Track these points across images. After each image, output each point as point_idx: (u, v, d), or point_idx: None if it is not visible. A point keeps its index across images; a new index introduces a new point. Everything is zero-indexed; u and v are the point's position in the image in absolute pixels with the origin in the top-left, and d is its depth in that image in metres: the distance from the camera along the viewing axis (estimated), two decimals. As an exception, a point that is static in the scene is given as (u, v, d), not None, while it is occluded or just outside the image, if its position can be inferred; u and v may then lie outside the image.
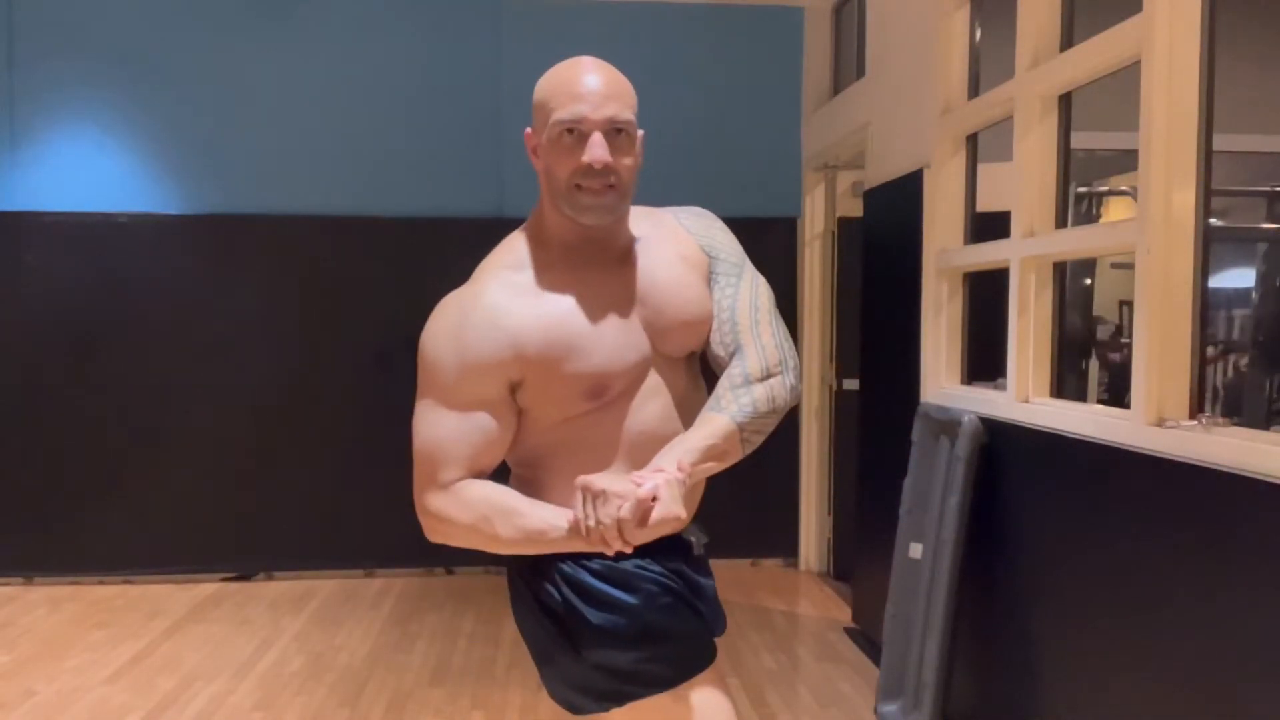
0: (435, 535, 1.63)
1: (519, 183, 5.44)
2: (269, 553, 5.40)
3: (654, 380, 1.68)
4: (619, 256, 1.69)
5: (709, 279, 1.77)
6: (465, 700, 3.71)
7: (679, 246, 1.76)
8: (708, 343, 1.75)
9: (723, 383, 1.69)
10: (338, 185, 5.40)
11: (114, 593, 5.15)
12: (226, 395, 5.35)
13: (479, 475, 1.62)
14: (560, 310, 1.61)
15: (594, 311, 1.62)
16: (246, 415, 5.35)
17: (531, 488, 1.68)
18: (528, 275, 1.63)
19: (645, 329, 1.67)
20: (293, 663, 4.11)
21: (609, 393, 1.62)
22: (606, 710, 1.66)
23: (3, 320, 5.24)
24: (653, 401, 1.67)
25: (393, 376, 5.52)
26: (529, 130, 1.64)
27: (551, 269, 1.64)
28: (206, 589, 5.21)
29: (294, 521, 5.38)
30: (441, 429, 1.60)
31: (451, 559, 5.39)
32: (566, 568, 1.63)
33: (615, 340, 1.63)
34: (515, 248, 1.68)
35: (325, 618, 4.72)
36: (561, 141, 1.57)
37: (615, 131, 1.57)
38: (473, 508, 1.59)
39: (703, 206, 1.93)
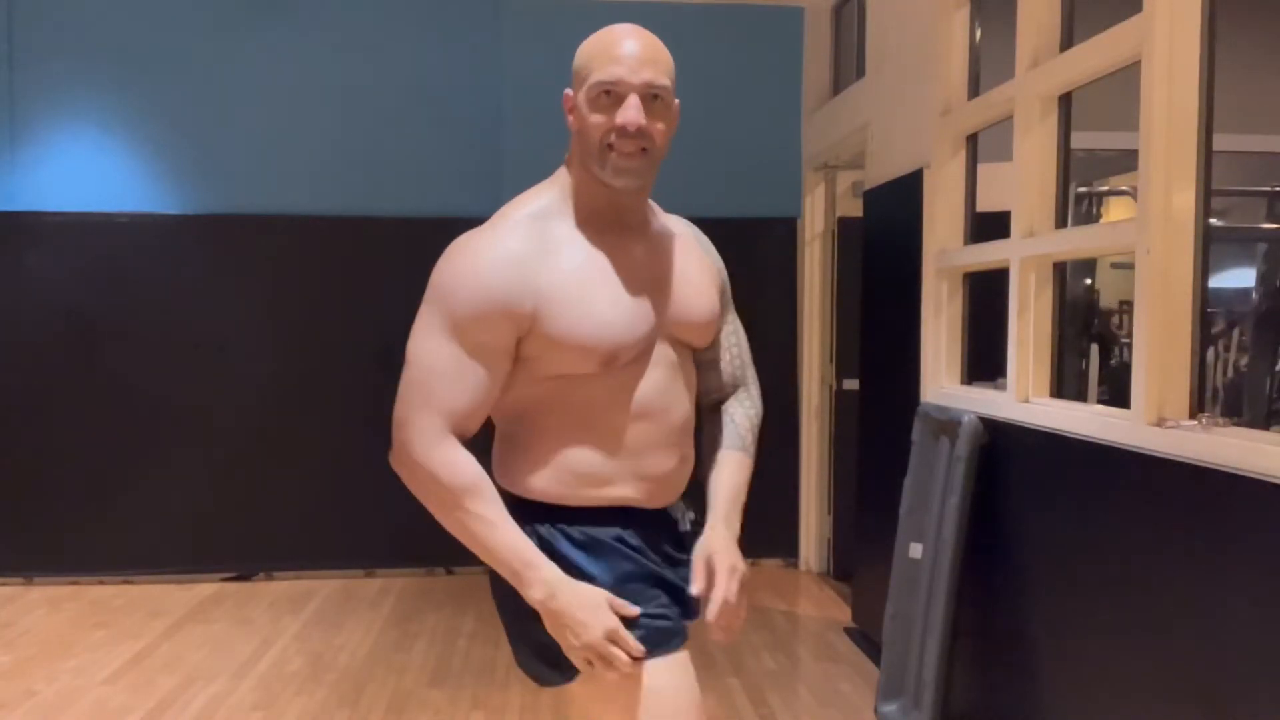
0: (401, 465, 1.59)
1: (519, 183, 5.41)
2: (269, 553, 5.40)
3: (656, 353, 1.67)
4: (638, 228, 1.70)
5: (720, 298, 1.83)
6: (465, 700, 3.71)
7: (704, 258, 1.83)
8: (715, 358, 1.87)
9: (745, 418, 1.93)
10: (338, 185, 5.41)
11: (114, 593, 5.15)
12: (226, 395, 5.35)
13: (461, 435, 1.58)
14: (584, 270, 1.60)
15: (615, 277, 1.62)
16: (246, 415, 5.35)
17: (515, 444, 1.67)
18: (553, 228, 1.61)
19: (662, 309, 1.68)
20: (293, 663, 4.11)
21: (619, 361, 1.60)
22: (569, 680, 1.62)
23: (3, 320, 5.24)
24: (653, 373, 1.66)
25: (392, 376, 5.53)
26: (568, 91, 1.63)
27: (576, 228, 1.63)
28: (206, 589, 5.21)
29: (294, 521, 5.38)
30: (441, 360, 1.57)
31: (451, 559, 5.39)
32: (544, 530, 1.62)
33: (633, 309, 1.62)
34: (540, 199, 1.65)
35: (325, 618, 4.72)
36: (599, 102, 1.57)
37: (652, 97, 1.57)
38: (460, 472, 1.55)
39: (703, 206, 1.96)
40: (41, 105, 5.26)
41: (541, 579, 1.55)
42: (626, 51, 1.57)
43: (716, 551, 1.69)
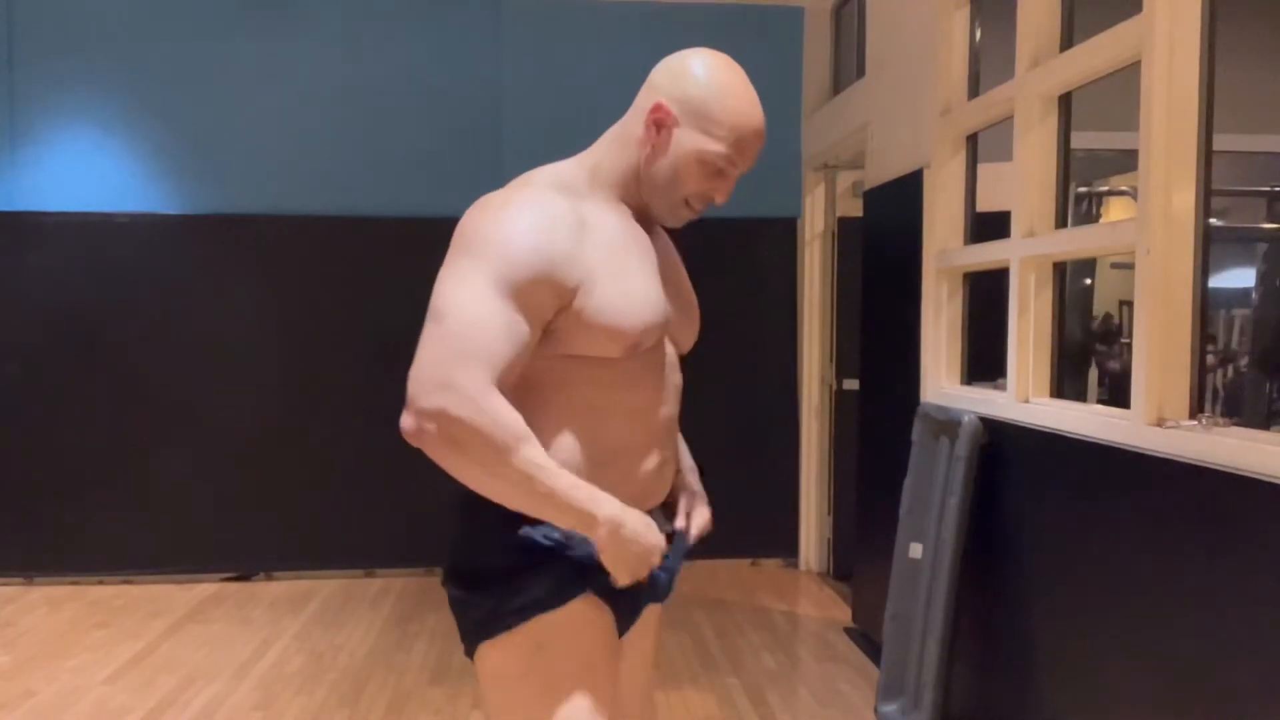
0: (438, 429, 1.41)
1: (519, 183, 5.43)
2: (269, 553, 5.40)
3: (663, 347, 1.67)
4: (652, 224, 1.71)
5: None
6: (465, 700, 3.71)
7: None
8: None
9: None
10: (338, 185, 5.41)
11: (114, 593, 5.15)
12: (226, 395, 5.35)
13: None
14: (620, 251, 1.56)
15: (644, 263, 1.61)
16: (246, 415, 5.35)
17: None
18: (589, 207, 1.57)
19: (671, 304, 1.68)
20: (293, 663, 4.11)
21: (641, 347, 1.57)
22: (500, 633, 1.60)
23: (3, 320, 5.24)
24: (658, 368, 1.65)
25: (393, 376, 5.53)
26: (667, 105, 1.58)
27: (604, 209, 1.60)
28: (206, 589, 5.21)
29: (294, 521, 5.38)
30: (488, 311, 1.43)
31: (451, 559, 5.39)
32: (529, 529, 1.56)
33: (659, 298, 1.60)
34: (565, 175, 1.62)
35: (325, 618, 4.72)
36: (708, 164, 1.60)
37: None
38: (514, 421, 1.42)
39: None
40: (41, 105, 5.26)
41: (612, 507, 1.48)
42: (758, 139, 1.64)
43: (695, 492, 1.82)
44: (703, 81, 1.60)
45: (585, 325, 1.51)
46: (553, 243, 1.48)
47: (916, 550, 3.38)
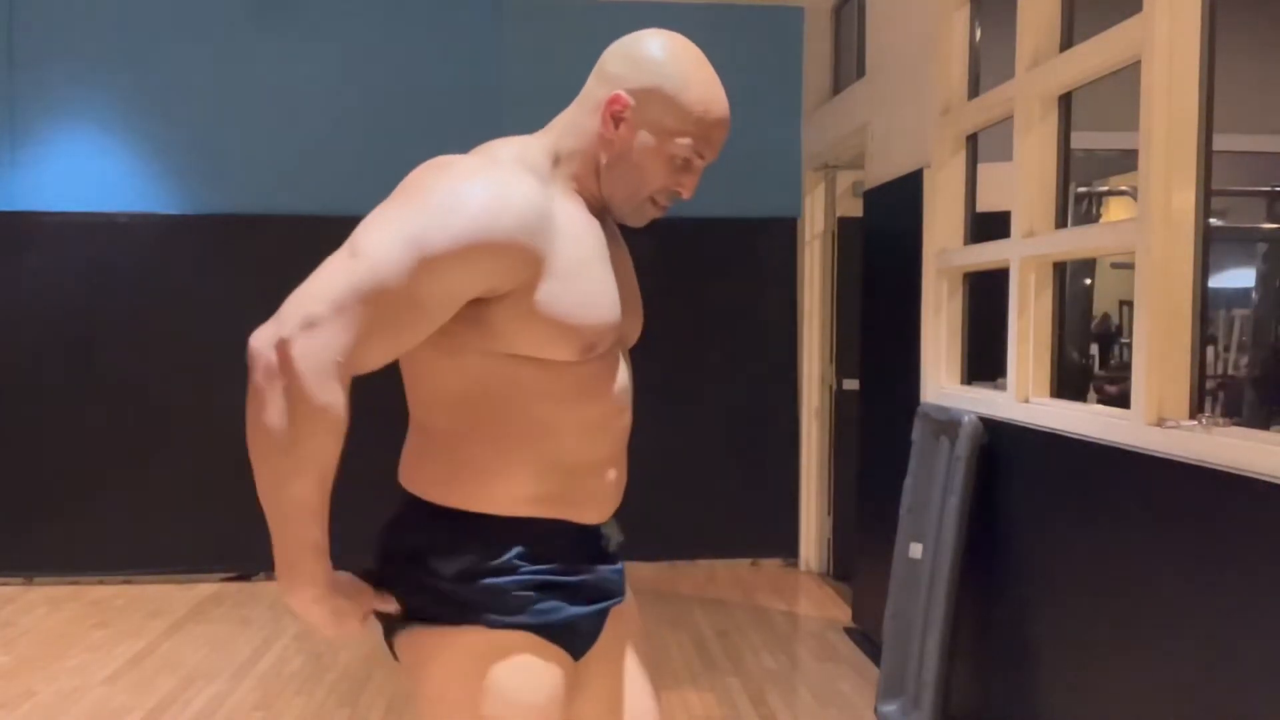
0: (276, 365, 1.25)
1: (519, 183, 5.43)
2: (269, 553, 5.34)
3: (615, 352, 1.53)
4: (602, 220, 1.55)
5: None
6: (465, 700, 3.71)
7: None
8: None
9: None
10: (338, 185, 5.40)
11: (114, 593, 5.15)
12: (227, 395, 5.28)
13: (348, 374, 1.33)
14: (581, 244, 1.43)
15: (603, 263, 1.47)
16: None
17: (443, 439, 1.48)
18: (553, 193, 1.44)
19: (625, 304, 1.54)
20: (293, 663, 4.11)
21: (596, 350, 1.43)
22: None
23: (3, 320, 5.24)
24: (614, 372, 1.51)
25: (392, 376, 5.54)
26: (626, 98, 1.45)
27: (568, 203, 1.46)
28: (206, 589, 5.21)
29: (294, 521, 5.37)
30: (398, 279, 1.27)
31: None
32: (510, 559, 1.45)
33: (614, 299, 1.47)
34: (534, 159, 1.47)
35: (325, 618, 4.71)
36: (675, 158, 1.48)
37: None
38: (340, 421, 1.32)
39: (702, 206, 1.93)
40: (41, 105, 5.26)
41: (315, 578, 1.48)
42: (720, 130, 1.50)
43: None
44: (664, 70, 1.46)
45: (535, 319, 1.37)
46: (518, 214, 1.34)
47: (916, 550, 3.38)
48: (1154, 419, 2.31)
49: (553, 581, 1.45)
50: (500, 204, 1.34)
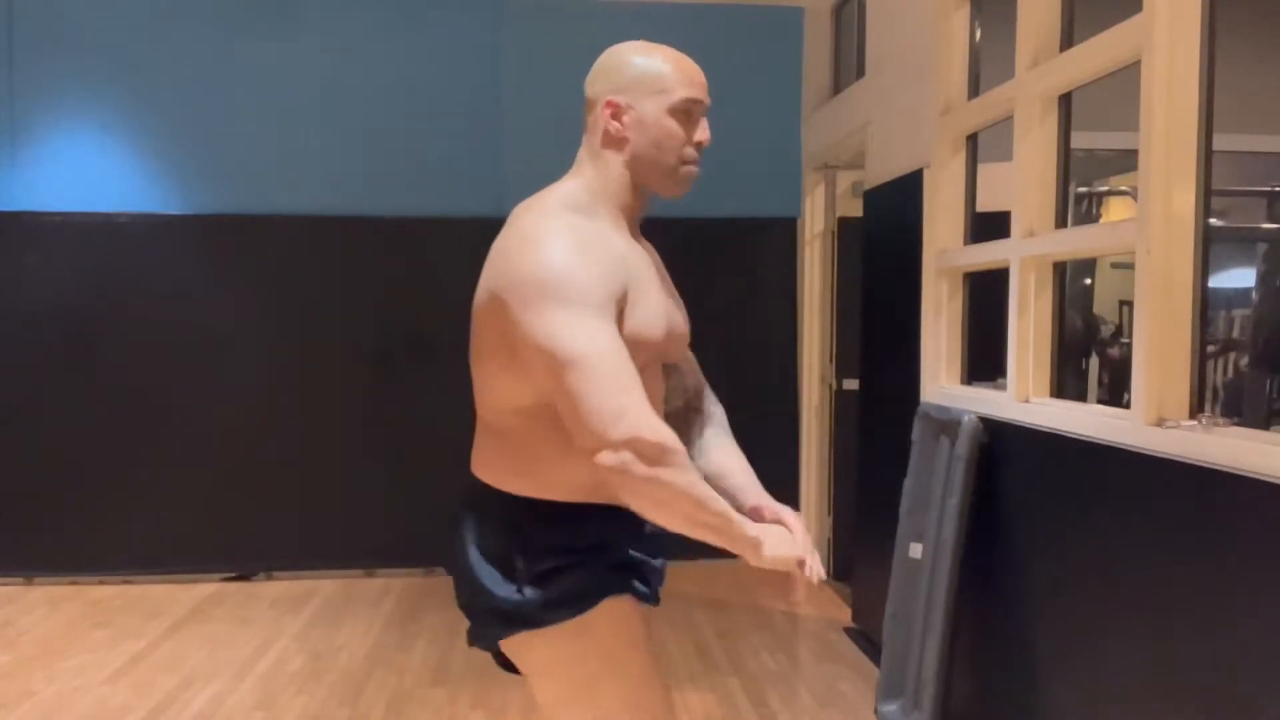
0: (646, 466, 1.46)
1: (519, 182, 5.42)
2: (269, 553, 5.40)
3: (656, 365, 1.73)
4: (637, 233, 1.78)
5: None
6: (465, 700, 3.71)
7: None
8: (681, 360, 1.89)
9: (722, 413, 1.95)
10: (338, 185, 5.41)
11: (114, 593, 5.15)
12: (226, 395, 5.35)
13: None
14: (637, 268, 1.65)
15: (656, 280, 1.71)
16: (246, 415, 5.35)
17: (519, 441, 1.67)
18: (597, 225, 1.65)
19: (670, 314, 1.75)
20: (293, 663, 4.11)
21: (665, 358, 1.68)
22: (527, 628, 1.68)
23: (3, 320, 5.24)
24: (657, 376, 1.72)
25: (393, 376, 5.54)
26: (617, 99, 1.68)
27: (612, 228, 1.67)
28: (206, 589, 5.21)
29: (294, 521, 5.38)
30: (605, 338, 1.50)
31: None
32: (543, 533, 1.67)
33: (671, 309, 1.72)
34: (575, 198, 1.67)
35: (325, 618, 4.72)
36: (679, 116, 1.67)
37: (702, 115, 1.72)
38: (674, 439, 1.50)
39: (702, 206, 2.00)
40: (41, 105, 5.26)
41: (754, 530, 1.66)
42: (696, 73, 1.70)
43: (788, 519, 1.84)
44: (625, 59, 1.71)
45: (625, 338, 1.57)
46: (599, 258, 1.57)
47: (916, 550, 3.38)
48: (1154, 419, 2.31)
49: (620, 547, 1.69)
50: (586, 248, 1.57)
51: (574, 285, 1.52)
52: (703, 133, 1.70)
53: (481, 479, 1.72)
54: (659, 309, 1.67)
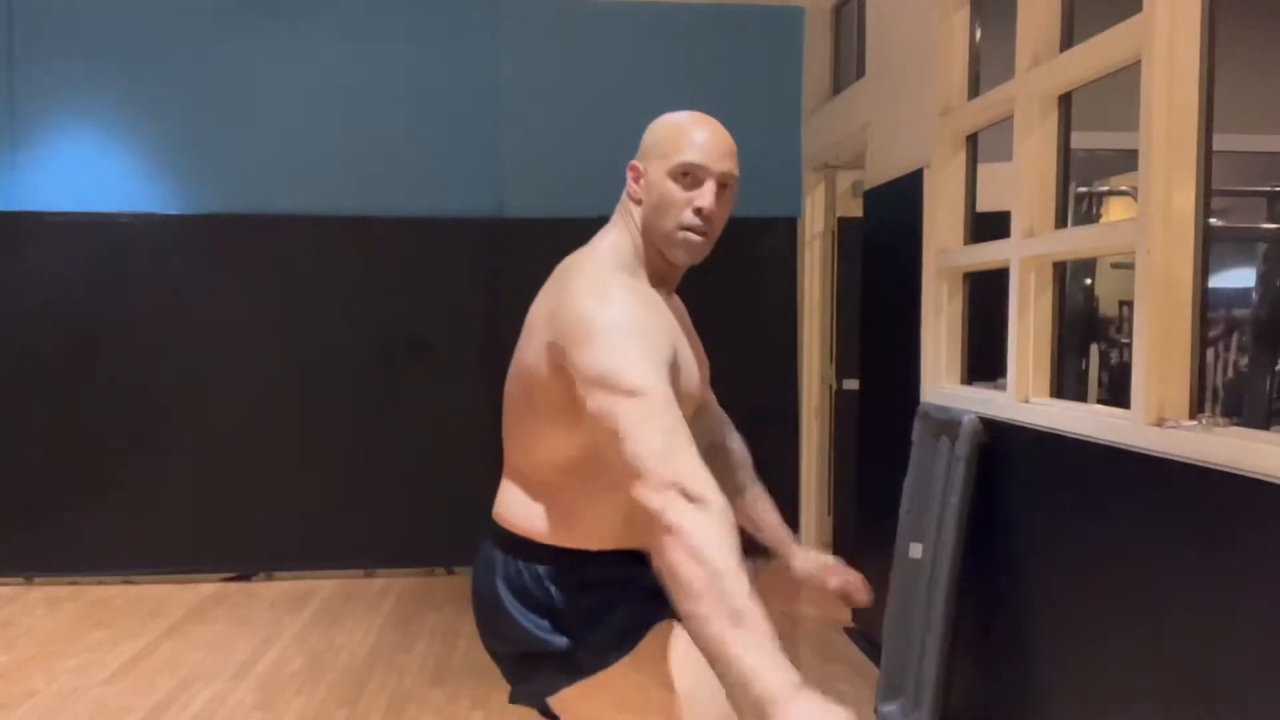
0: (691, 526, 1.34)
1: (519, 183, 5.44)
2: (269, 553, 5.40)
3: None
4: (670, 293, 1.83)
5: None
6: (465, 700, 3.71)
7: None
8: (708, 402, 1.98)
9: (745, 452, 2.09)
10: (338, 185, 5.40)
11: (114, 593, 5.15)
12: (226, 395, 5.35)
13: None
14: (675, 325, 1.71)
15: (685, 335, 1.76)
16: (246, 415, 5.35)
17: (560, 493, 1.70)
18: (641, 285, 1.71)
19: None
20: (293, 663, 4.11)
21: (690, 412, 1.70)
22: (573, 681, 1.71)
23: (3, 320, 5.24)
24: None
25: (393, 376, 5.55)
26: (635, 162, 1.74)
27: (652, 289, 1.74)
28: (206, 589, 5.21)
29: (294, 521, 5.38)
30: (665, 384, 1.49)
31: (451, 559, 5.40)
32: (587, 576, 1.71)
33: (698, 367, 1.78)
34: (625, 257, 1.72)
35: (325, 618, 4.72)
36: (679, 180, 1.68)
37: (722, 186, 1.70)
38: (720, 550, 1.35)
39: None
40: (41, 105, 5.26)
41: (791, 693, 1.36)
42: (712, 142, 1.69)
43: (829, 562, 1.99)
44: (655, 124, 1.76)
45: None
46: (660, 322, 1.62)
47: (916, 550, 3.38)
48: (1154, 419, 2.31)
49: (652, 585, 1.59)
50: (650, 308, 1.63)
51: (642, 328, 1.56)
52: (704, 199, 1.66)
53: (511, 528, 1.75)
54: (692, 365, 1.73)
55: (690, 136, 1.68)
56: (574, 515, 1.70)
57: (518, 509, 1.75)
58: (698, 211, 1.67)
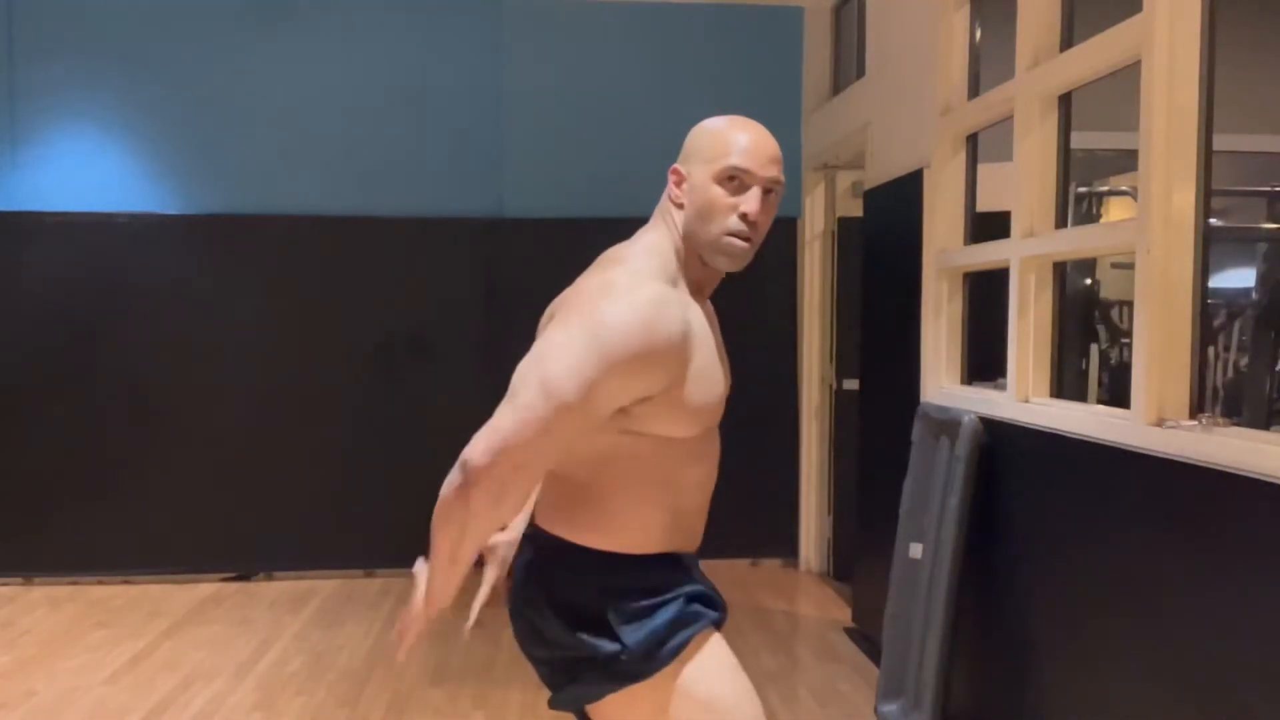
0: (483, 477, 1.53)
1: (519, 183, 5.44)
2: (269, 553, 5.40)
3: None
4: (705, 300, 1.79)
5: None
6: (465, 700, 3.71)
7: None
8: None
9: None
10: (338, 185, 5.41)
11: (114, 593, 5.15)
12: (226, 395, 5.35)
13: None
14: (704, 338, 1.68)
15: (715, 346, 1.73)
16: (246, 415, 5.35)
17: (589, 498, 1.70)
18: (682, 295, 1.68)
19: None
20: (293, 663, 4.11)
21: (713, 424, 1.72)
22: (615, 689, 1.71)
23: (3, 320, 5.24)
24: (713, 438, 1.78)
25: (393, 376, 5.55)
26: (678, 165, 1.72)
27: (690, 297, 1.70)
28: (206, 589, 5.21)
29: (294, 521, 5.38)
30: (581, 399, 1.52)
31: (451, 559, 5.39)
32: (618, 582, 1.72)
33: (726, 375, 1.75)
34: (665, 262, 1.69)
35: (325, 618, 4.72)
36: (725, 184, 1.66)
37: (767, 191, 1.68)
38: (506, 502, 1.56)
39: None
40: (41, 105, 5.26)
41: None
42: (756, 145, 1.67)
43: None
44: (698, 129, 1.73)
45: (677, 409, 1.62)
46: (667, 341, 1.57)
47: (916, 550, 3.38)
48: (1154, 419, 2.31)
49: (692, 590, 1.74)
50: (661, 320, 1.57)
51: (613, 344, 1.53)
52: (750, 204, 1.65)
53: (552, 533, 1.74)
54: (716, 379, 1.69)
55: (737, 140, 1.66)
56: (617, 518, 1.69)
57: (554, 513, 1.75)
58: (743, 217, 1.65)
